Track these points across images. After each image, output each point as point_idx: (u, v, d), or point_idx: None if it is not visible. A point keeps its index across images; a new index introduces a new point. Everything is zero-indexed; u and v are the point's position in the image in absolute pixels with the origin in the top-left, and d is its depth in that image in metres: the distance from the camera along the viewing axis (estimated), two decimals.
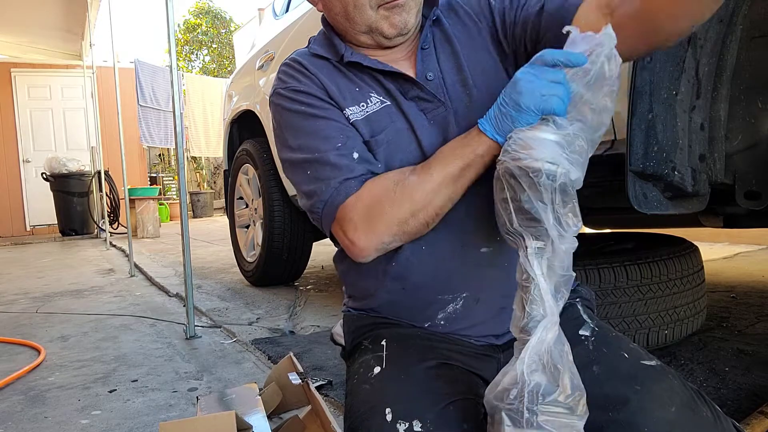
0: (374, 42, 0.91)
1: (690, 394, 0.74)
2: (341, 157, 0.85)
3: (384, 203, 0.81)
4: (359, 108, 0.89)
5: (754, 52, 1.23)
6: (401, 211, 0.80)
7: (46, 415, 1.62)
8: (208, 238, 6.82)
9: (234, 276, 3.86)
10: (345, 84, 0.92)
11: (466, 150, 0.77)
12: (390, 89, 0.90)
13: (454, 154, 0.79)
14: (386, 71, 0.90)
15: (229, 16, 16.63)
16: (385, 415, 0.72)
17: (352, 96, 0.90)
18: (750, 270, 3.10)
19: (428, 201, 0.79)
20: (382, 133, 0.88)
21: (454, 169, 0.78)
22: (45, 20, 6.27)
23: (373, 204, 0.82)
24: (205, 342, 2.29)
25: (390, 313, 0.93)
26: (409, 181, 0.81)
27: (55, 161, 7.62)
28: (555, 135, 0.67)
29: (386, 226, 0.81)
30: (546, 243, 0.66)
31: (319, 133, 0.87)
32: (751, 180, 1.25)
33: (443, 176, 0.79)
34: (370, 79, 0.92)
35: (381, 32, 0.89)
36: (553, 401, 0.61)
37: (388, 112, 0.89)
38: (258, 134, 3.31)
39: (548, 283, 0.65)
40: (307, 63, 0.94)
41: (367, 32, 0.90)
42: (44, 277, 4.41)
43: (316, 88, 0.90)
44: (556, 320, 0.64)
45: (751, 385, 1.52)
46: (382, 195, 0.81)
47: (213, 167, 12.50)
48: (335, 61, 0.93)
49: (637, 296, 1.66)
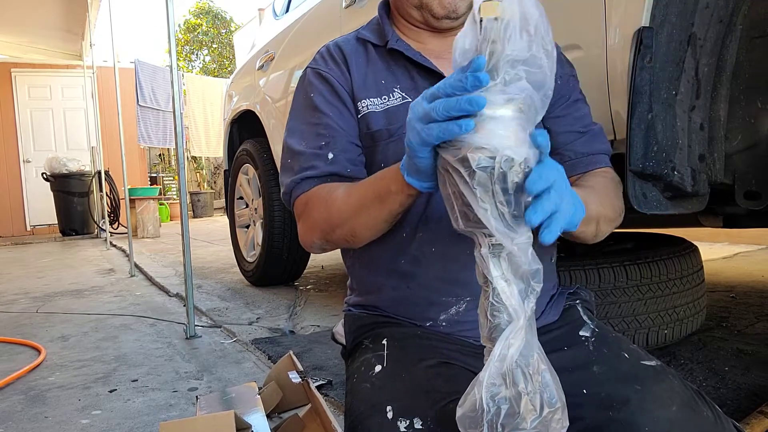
0: (423, 20, 0.94)
1: (690, 394, 0.74)
2: (316, 157, 0.90)
3: (314, 211, 0.87)
4: (380, 100, 0.92)
5: (754, 52, 1.23)
6: (322, 223, 0.85)
7: (46, 415, 1.62)
8: (208, 238, 6.82)
9: (234, 276, 3.86)
10: (377, 72, 0.94)
11: (381, 183, 0.76)
12: (419, 85, 0.92)
13: (375, 184, 0.78)
14: (423, 66, 0.92)
15: (229, 16, 16.66)
16: (385, 413, 0.72)
17: (377, 88, 0.93)
18: (750, 270, 3.10)
19: (343, 220, 0.82)
20: (397, 126, 0.90)
21: (367, 201, 0.78)
22: (45, 20, 6.28)
23: (309, 209, 0.88)
24: (205, 342, 2.29)
25: (392, 311, 0.94)
26: (333, 198, 0.84)
27: (56, 161, 7.62)
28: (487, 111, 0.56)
29: (312, 231, 0.88)
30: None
31: (311, 126, 0.92)
32: (751, 180, 1.25)
33: (359, 204, 0.79)
34: (404, 71, 0.94)
35: (430, 10, 0.91)
36: (517, 429, 0.55)
37: (407, 108, 0.89)
38: (258, 134, 3.31)
39: (511, 284, 0.57)
40: (345, 47, 0.98)
41: (418, 6, 0.93)
42: (44, 277, 4.41)
43: (336, 78, 0.94)
44: (521, 325, 0.56)
45: (750, 385, 1.52)
46: (316, 202, 0.86)
47: (213, 167, 12.50)
48: (380, 46, 0.96)
49: (637, 296, 1.66)
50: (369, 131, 0.92)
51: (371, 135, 0.92)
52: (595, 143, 0.95)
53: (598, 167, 0.94)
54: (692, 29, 1.19)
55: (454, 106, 0.56)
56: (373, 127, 0.91)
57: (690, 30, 1.19)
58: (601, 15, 1.34)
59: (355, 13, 2.31)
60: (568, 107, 0.96)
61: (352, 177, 0.90)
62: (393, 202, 0.74)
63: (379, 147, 0.92)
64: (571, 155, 0.94)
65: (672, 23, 1.18)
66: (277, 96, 3.02)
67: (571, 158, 0.93)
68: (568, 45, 1.36)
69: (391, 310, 0.94)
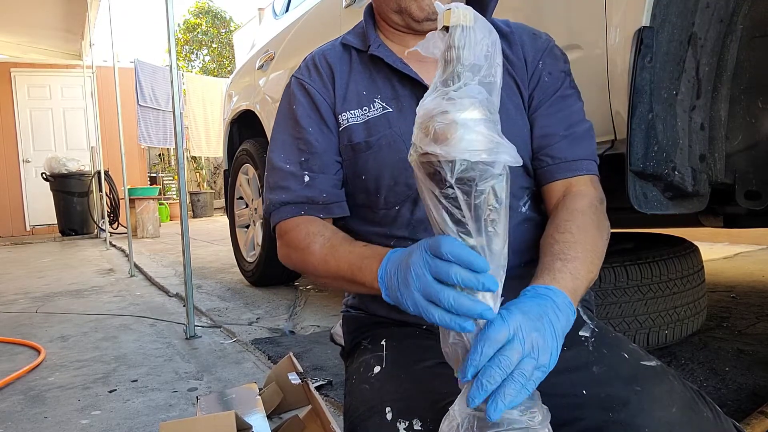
0: (404, 23, 0.93)
1: (690, 395, 0.74)
2: (292, 177, 0.91)
3: (292, 251, 0.89)
4: (361, 112, 0.92)
5: (754, 51, 1.22)
6: (297, 266, 0.89)
7: (46, 415, 1.62)
8: (208, 238, 6.82)
9: (234, 276, 3.86)
10: (359, 82, 0.94)
11: (358, 274, 0.75)
12: (399, 94, 0.91)
13: (351, 268, 0.76)
14: (403, 74, 0.91)
15: (229, 16, 16.64)
16: (384, 415, 0.72)
17: (358, 99, 0.93)
18: (750, 270, 3.10)
19: (316, 275, 0.85)
20: (376, 138, 0.90)
21: (341, 276, 0.79)
22: (45, 20, 6.27)
23: (288, 243, 0.90)
24: (205, 342, 2.29)
25: (386, 314, 0.93)
26: (310, 251, 0.84)
27: (55, 161, 7.61)
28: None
29: (288, 261, 0.91)
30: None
31: (292, 139, 0.93)
32: (751, 180, 1.25)
33: (334, 274, 0.80)
34: (384, 79, 0.93)
35: (410, 13, 0.90)
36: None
37: (388, 118, 0.90)
38: (258, 134, 3.31)
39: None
40: (330, 56, 0.97)
41: (398, 11, 0.92)
42: (44, 277, 4.41)
43: (318, 91, 0.94)
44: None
45: (751, 385, 1.51)
46: (296, 246, 0.88)
47: (213, 167, 12.50)
48: (363, 51, 0.95)
49: (638, 296, 1.66)
50: (350, 143, 0.91)
51: (352, 147, 0.91)
52: (577, 147, 0.90)
53: (578, 174, 0.89)
54: (693, 29, 1.19)
55: (462, 311, 0.57)
56: (354, 140, 0.91)
57: (690, 30, 1.19)
58: (601, 15, 1.34)
59: (355, 13, 2.30)
60: (553, 104, 0.93)
61: (327, 203, 0.91)
62: (366, 291, 0.75)
63: (359, 159, 0.91)
64: (548, 160, 0.90)
65: (672, 23, 1.17)
66: (277, 96, 3.01)
67: (549, 164, 0.90)
68: (569, 45, 1.36)
69: (386, 313, 0.94)
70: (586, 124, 0.93)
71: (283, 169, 0.92)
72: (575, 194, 0.87)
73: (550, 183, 0.90)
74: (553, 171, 0.90)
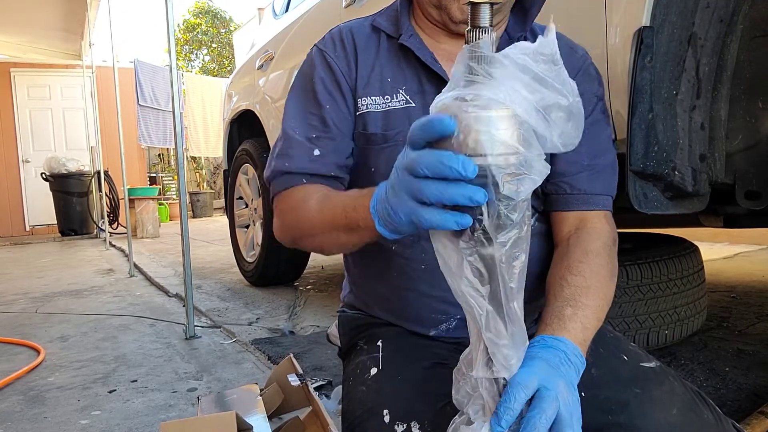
0: (441, 21, 0.88)
1: (690, 396, 0.73)
2: (300, 147, 0.87)
3: (286, 214, 0.86)
4: (383, 100, 0.88)
5: (754, 51, 1.22)
6: (292, 229, 0.85)
7: (45, 416, 1.62)
8: (208, 238, 6.82)
9: (234, 276, 3.86)
10: (384, 67, 0.89)
11: (352, 215, 0.69)
12: (426, 90, 0.87)
13: (345, 211, 0.70)
14: (432, 69, 0.87)
15: (228, 16, 16.63)
16: (382, 417, 0.72)
17: (381, 86, 0.88)
18: (750, 270, 3.10)
19: (312, 234, 0.80)
20: (394, 132, 0.86)
21: (336, 225, 0.73)
22: (45, 20, 6.27)
23: (283, 209, 0.88)
24: (204, 342, 2.29)
25: (384, 316, 0.93)
26: (305, 207, 0.81)
27: (55, 161, 7.61)
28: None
29: (283, 232, 0.87)
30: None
31: (307, 114, 0.90)
32: (752, 180, 1.25)
33: (329, 224, 0.75)
34: (412, 71, 0.88)
35: (449, 12, 0.86)
36: None
37: (408, 113, 0.87)
38: (258, 134, 3.30)
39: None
40: (358, 36, 0.92)
41: (437, 6, 0.87)
42: (44, 277, 4.40)
43: (340, 68, 0.89)
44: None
45: (751, 385, 1.51)
46: (292, 206, 0.85)
47: (213, 167, 12.49)
48: (393, 38, 0.91)
49: (638, 296, 1.66)
50: (365, 132, 0.88)
51: (366, 136, 0.88)
52: (596, 182, 0.87)
53: (593, 209, 0.86)
54: (693, 29, 1.19)
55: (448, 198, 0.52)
56: (370, 129, 0.88)
57: (691, 29, 1.19)
58: (601, 14, 1.34)
59: (355, 13, 2.30)
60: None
61: (335, 177, 0.88)
62: (361, 235, 0.69)
63: (372, 151, 0.88)
64: (566, 188, 0.87)
65: (673, 23, 1.17)
66: (277, 96, 3.01)
67: (566, 192, 0.87)
68: None
69: (384, 316, 0.94)
70: (610, 156, 0.90)
71: (292, 138, 0.89)
72: (590, 231, 0.84)
73: (563, 211, 0.87)
74: (569, 201, 0.87)
